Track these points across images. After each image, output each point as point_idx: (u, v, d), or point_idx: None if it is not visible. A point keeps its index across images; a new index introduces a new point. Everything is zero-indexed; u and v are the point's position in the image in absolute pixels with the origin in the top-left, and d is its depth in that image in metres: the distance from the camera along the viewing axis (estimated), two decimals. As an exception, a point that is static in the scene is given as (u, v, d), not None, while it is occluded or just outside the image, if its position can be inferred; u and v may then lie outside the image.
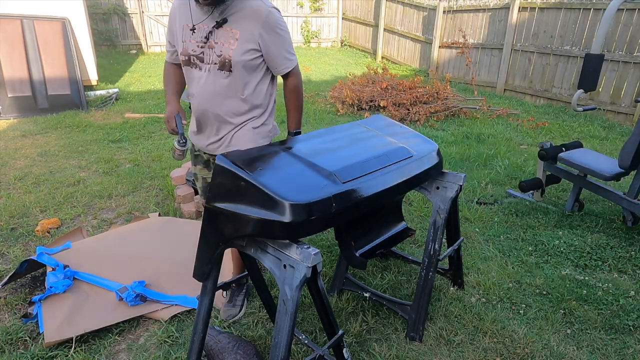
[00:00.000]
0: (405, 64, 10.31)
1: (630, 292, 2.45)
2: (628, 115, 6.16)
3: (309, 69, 10.08)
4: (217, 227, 1.50)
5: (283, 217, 1.31)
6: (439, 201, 2.03)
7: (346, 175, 1.49)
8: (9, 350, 2.00)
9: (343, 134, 1.84)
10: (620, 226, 3.16)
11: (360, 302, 2.34)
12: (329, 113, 6.46)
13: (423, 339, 2.09)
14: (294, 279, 1.35)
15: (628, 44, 6.08)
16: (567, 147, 3.35)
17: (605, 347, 2.07)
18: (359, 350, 2.03)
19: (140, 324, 2.20)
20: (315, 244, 2.90)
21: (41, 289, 2.41)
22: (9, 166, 4.19)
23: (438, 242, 2.03)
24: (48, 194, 3.61)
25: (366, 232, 1.77)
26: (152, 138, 5.18)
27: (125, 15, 10.33)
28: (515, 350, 2.03)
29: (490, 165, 4.44)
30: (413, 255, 2.72)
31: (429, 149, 1.89)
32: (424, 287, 2.07)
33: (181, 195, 3.29)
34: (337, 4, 12.72)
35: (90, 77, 6.92)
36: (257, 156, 1.52)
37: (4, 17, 5.82)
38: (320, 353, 1.59)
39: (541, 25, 7.20)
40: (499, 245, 2.94)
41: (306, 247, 1.35)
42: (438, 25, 9.05)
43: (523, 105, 7.22)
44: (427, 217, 3.32)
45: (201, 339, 1.73)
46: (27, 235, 2.99)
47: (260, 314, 2.26)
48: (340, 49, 12.73)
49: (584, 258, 2.77)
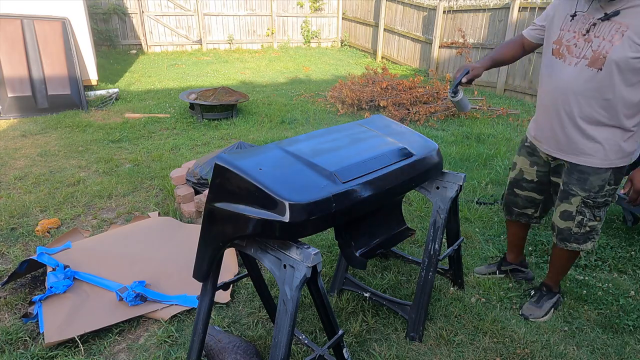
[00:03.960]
0: (405, 64, 10.31)
1: (630, 292, 2.45)
2: (628, 115, 6.15)
3: (309, 69, 10.08)
4: (217, 227, 1.50)
5: (283, 217, 1.30)
6: (439, 201, 2.03)
7: (346, 175, 1.49)
8: (9, 350, 2.00)
9: (343, 134, 1.84)
10: (620, 226, 3.16)
11: (360, 302, 2.34)
12: (329, 113, 6.46)
13: (423, 339, 2.09)
14: (294, 279, 1.35)
15: (628, 44, 6.07)
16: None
17: (605, 347, 2.07)
18: (359, 350, 2.03)
19: (140, 324, 2.20)
20: (315, 244, 2.90)
21: (41, 289, 2.41)
22: (9, 166, 4.19)
23: (438, 242, 2.03)
24: (48, 194, 3.61)
25: (366, 232, 1.76)
26: (152, 138, 5.18)
27: (125, 15, 10.33)
28: (515, 350, 2.03)
29: (490, 165, 4.44)
30: (413, 255, 2.72)
31: (429, 149, 1.89)
32: (424, 287, 2.07)
33: (181, 195, 3.29)
34: (337, 4, 12.73)
35: (90, 77, 6.92)
36: (257, 156, 1.52)
37: (4, 17, 5.82)
38: (320, 353, 1.59)
39: (541, 25, 7.19)
40: (499, 245, 2.94)
41: (306, 247, 1.35)
42: (438, 25, 9.05)
43: (523, 105, 7.22)
44: (427, 217, 3.32)
45: (201, 339, 1.73)
46: (27, 235, 2.99)
47: (260, 314, 2.26)
48: (340, 49, 12.73)
49: (584, 258, 2.77)
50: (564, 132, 1.89)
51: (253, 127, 5.72)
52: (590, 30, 1.73)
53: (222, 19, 11.44)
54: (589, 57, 1.72)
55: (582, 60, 1.75)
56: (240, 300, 2.38)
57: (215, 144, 4.94)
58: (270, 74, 9.47)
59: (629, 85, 1.69)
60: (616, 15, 1.66)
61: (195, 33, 11.29)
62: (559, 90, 1.84)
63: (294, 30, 12.54)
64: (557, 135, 1.93)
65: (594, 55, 1.71)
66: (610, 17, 1.67)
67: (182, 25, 11.08)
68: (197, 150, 4.76)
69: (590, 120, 1.80)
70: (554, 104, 1.88)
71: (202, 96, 5.95)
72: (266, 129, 5.65)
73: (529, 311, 2.24)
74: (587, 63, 1.73)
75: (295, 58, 11.19)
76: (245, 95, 6.30)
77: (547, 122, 1.95)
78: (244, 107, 6.55)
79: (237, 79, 8.81)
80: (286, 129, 5.66)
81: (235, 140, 5.06)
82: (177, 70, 9.31)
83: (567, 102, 1.82)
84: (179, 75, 8.79)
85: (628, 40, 1.63)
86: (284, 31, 12.40)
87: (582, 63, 1.75)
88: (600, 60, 1.69)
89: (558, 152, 1.96)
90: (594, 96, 1.75)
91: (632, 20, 1.63)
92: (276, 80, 8.92)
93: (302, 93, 7.68)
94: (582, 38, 1.75)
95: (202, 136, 5.25)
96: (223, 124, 5.72)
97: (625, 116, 1.76)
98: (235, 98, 6.04)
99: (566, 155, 1.93)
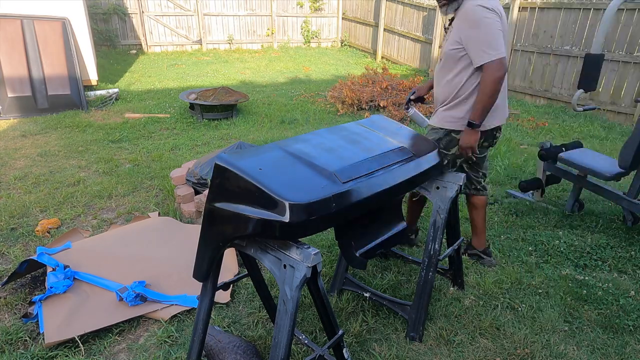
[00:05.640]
0: (405, 64, 10.31)
1: (630, 292, 2.45)
2: (628, 115, 6.15)
3: (309, 69, 10.08)
4: (217, 227, 1.50)
5: (283, 217, 1.30)
6: (439, 201, 2.03)
7: (346, 175, 1.49)
8: (9, 350, 2.00)
9: (343, 134, 1.83)
10: (620, 226, 3.16)
11: (360, 302, 2.34)
12: (329, 113, 6.46)
13: (423, 339, 2.09)
14: (294, 279, 1.35)
15: (628, 44, 6.08)
16: (567, 147, 3.35)
17: (605, 347, 2.07)
18: (359, 350, 2.03)
19: (140, 324, 2.20)
20: (315, 244, 2.90)
21: (41, 289, 2.41)
22: (9, 166, 4.19)
23: (438, 242, 2.03)
24: (48, 194, 3.61)
25: (366, 232, 1.76)
26: (152, 138, 5.18)
27: (125, 15, 10.33)
28: (515, 350, 2.03)
29: (490, 165, 4.44)
30: (413, 255, 2.72)
31: (429, 149, 1.89)
32: (424, 287, 2.07)
33: (181, 195, 3.29)
34: (337, 4, 12.72)
35: (90, 77, 6.92)
36: (257, 156, 1.52)
37: (4, 17, 5.82)
38: (320, 353, 1.59)
39: (541, 25, 7.20)
40: (499, 245, 2.94)
41: (306, 247, 1.35)
42: (438, 25, 9.05)
43: (523, 105, 7.22)
44: (427, 217, 3.32)
45: (201, 339, 1.73)
46: (27, 235, 2.99)
47: (260, 314, 2.26)
48: (340, 48, 12.73)
49: (584, 258, 2.77)
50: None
51: (253, 127, 5.72)
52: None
53: (222, 19, 11.44)
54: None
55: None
56: (240, 300, 2.38)
57: (215, 144, 4.94)
58: (270, 74, 9.47)
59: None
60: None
61: (195, 33, 11.28)
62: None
63: (294, 30, 12.54)
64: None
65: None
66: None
67: (182, 25, 11.08)
68: (197, 150, 4.76)
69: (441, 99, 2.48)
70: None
71: (202, 96, 5.95)
72: (266, 129, 5.65)
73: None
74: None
75: (295, 58, 11.19)
76: (245, 95, 6.30)
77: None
78: (244, 107, 6.55)
79: (237, 79, 8.81)
80: (286, 129, 5.66)
81: (235, 140, 5.06)
82: (177, 70, 9.31)
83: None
84: (179, 75, 8.78)
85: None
86: (284, 31, 12.39)
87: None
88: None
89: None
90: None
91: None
92: (276, 80, 8.92)
93: (302, 93, 7.68)
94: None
95: (202, 136, 5.25)
96: (223, 124, 5.72)
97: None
98: (235, 98, 6.04)
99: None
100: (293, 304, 1.36)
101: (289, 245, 1.38)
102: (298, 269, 1.34)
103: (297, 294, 1.36)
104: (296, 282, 1.35)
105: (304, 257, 1.33)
